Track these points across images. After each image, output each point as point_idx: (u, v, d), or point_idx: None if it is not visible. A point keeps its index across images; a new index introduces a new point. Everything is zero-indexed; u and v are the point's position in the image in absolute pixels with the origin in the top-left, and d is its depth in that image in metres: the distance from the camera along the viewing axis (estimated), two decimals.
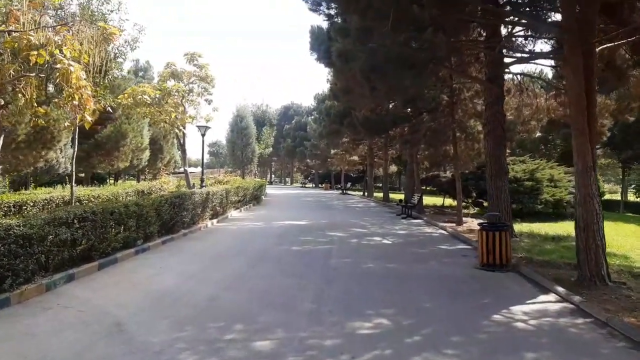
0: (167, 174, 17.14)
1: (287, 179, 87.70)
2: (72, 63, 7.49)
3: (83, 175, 32.59)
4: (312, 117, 49.63)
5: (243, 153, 35.33)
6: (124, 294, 6.71)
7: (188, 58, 16.61)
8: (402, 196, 38.20)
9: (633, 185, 31.69)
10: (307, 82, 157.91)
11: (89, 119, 8.19)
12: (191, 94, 17.39)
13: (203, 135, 18.58)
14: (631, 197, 36.82)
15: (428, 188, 33.86)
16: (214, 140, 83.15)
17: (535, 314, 6.02)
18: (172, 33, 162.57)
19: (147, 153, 34.67)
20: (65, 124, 9.51)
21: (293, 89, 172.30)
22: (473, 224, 18.05)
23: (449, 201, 30.27)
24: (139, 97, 14.70)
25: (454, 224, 17.39)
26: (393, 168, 46.72)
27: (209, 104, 17.25)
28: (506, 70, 15.44)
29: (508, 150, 22.55)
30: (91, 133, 29.97)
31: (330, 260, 9.39)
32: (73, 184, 10.44)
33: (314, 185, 70.35)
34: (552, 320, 5.77)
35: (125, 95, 15.12)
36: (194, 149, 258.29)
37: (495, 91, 14.28)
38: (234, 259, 9.41)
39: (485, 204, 26.59)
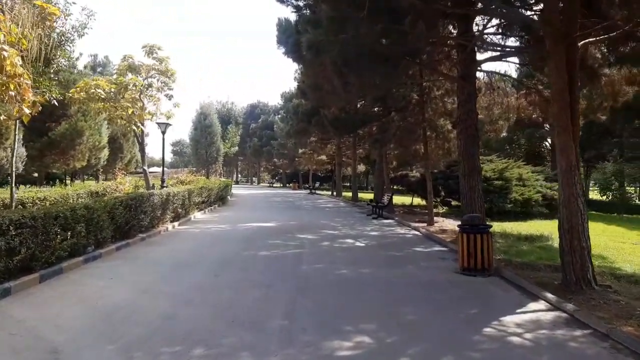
0: (123, 174, 15.99)
1: (254, 178, 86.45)
2: (5, 47, 6.53)
3: (37, 175, 30.80)
4: (279, 116, 48.75)
5: (207, 152, 33.97)
6: (66, 311, 5.82)
7: (147, 50, 15.55)
8: (370, 195, 37.87)
9: (597, 184, 32.30)
10: (274, 81, 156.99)
11: (27, 111, 7.21)
12: (150, 89, 16.33)
13: (163, 132, 17.55)
14: (592, 196, 37.66)
15: (396, 187, 33.68)
16: (177, 139, 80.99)
17: (529, 326, 5.49)
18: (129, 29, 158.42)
19: (105, 152, 33.14)
20: (1, 118, 8.46)
21: (260, 88, 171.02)
22: (444, 223, 17.75)
23: (417, 200, 30.09)
24: (92, 91, 13.59)
25: (425, 224, 17.00)
26: (361, 167, 46.42)
27: (169, 99, 16.23)
28: (478, 68, 15.13)
29: None
30: (44, 130, 28.32)
31: (302, 267, 8.70)
32: (13, 184, 9.37)
33: (281, 185, 69.45)
34: (548, 333, 5.25)
35: (77, 89, 13.98)
36: (157, 148, 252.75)
37: (468, 89, 13.93)
38: (195, 267, 8.58)
39: (454, 203, 26.58)
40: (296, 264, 8.93)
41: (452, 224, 17.45)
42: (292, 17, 14.72)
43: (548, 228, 16.98)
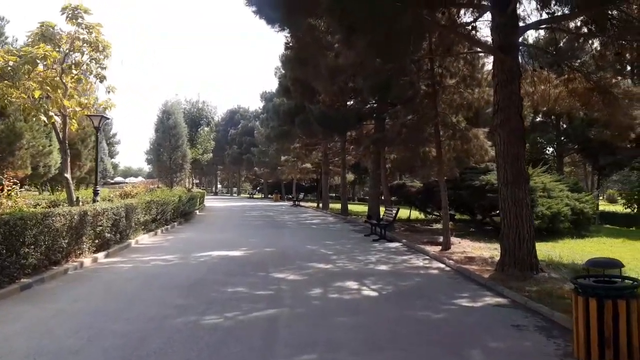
0: (15, 182, 11.46)
1: (235, 189, 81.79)
2: None
3: None
4: (260, 120, 44.43)
5: (171, 158, 29.24)
6: None
7: (69, 14, 11.27)
8: (360, 208, 33.75)
9: (620, 194, 28.70)
10: (255, 87, 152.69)
11: None
12: (78, 69, 12.10)
13: (97, 128, 13.34)
14: (603, 207, 34.25)
15: (392, 199, 29.72)
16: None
17: None
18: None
19: (55, 157, 28.51)
20: None
21: (240, 95, 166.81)
22: (463, 246, 13.89)
23: (415, 214, 26.14)
24: None
25: (439, 248, 13.10)
26: (349, 177, 42.36)
27: (101, 81, 11.94)
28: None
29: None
30: None
31: None
32: None
33: (263, 196, 65.12)
34: None
35: None
36: (131, 157, 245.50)
37: (509, 64, 10.17)
38: None
39: (458, 216, 22.61)
40: (266, 352, 4.73)
41: (473, 247, 13.57)
42: None
43: (593, 251, 13.41)
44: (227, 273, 8.81)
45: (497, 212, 19.45)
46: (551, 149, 38.03)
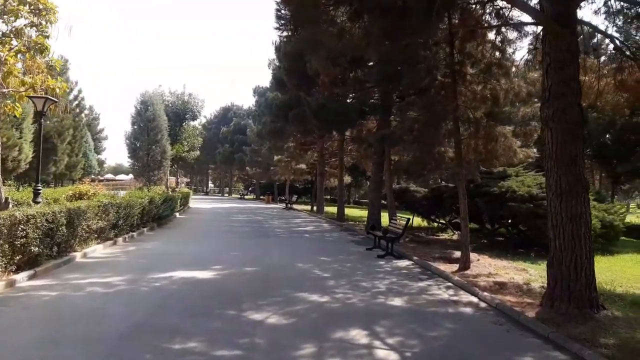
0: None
1: (227, 189, 79.12)
2: None
3: None
4: (252, 116, 41.78)
5: (149, 154, 26.35)
6: None
7: None
8: (358, 212, 31.35)
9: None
10: (249, 86, 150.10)
11: None
12: (25, 42, 9.66)
13: (41, 113, 10.82)
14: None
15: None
16: None
17: None
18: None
19: (26, 152, 26.00)
20: None
21: (233, 93, 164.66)
22: (484, 264, 11.62)
23: (417, 221, 23.74)
24: None
25: (455, 266, 10.89)
26: (346, 179, 39.91)
27: (41, 52, 9.47)
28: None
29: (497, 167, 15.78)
30: None
31: None
32: None
33: (254, 197, 62.60)
34: None
35: None
36: (116, 152, 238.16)
37: (568, 41, 7.87)
38: None
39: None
40: None
41: (496, 266, 11.26)
42: None
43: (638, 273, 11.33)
44: (184, 311, 6.30)
45: (510, 220, 17.30)
46: None
